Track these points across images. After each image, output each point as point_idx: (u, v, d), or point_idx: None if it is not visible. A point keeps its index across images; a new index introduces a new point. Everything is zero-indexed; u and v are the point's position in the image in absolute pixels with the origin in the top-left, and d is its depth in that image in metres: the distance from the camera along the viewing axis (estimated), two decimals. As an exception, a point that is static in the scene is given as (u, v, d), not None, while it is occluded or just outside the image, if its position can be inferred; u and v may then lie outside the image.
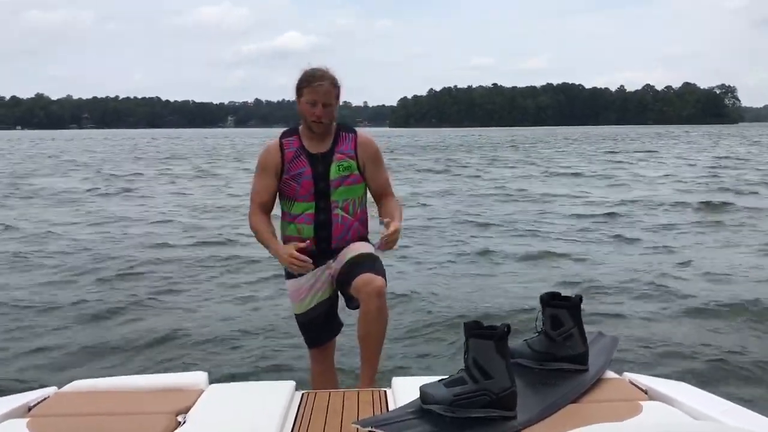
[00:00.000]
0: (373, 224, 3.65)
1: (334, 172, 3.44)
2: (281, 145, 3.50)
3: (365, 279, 3.23)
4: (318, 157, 3.46)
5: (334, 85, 3.44)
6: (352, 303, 3.45)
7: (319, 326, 3.60)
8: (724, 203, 16.19)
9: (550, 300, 2.75)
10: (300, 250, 3.31)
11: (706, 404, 2.41)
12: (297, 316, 3.64)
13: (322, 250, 3.47)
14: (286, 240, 3.57)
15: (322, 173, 3.44)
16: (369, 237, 3.63)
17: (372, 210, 3.63)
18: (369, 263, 3.34)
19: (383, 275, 3.31)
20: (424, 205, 17.18)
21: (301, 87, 3.43)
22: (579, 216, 14.65)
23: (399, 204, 3.64)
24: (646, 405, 2.42)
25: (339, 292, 3.57)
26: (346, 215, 3.48)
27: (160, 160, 40.47)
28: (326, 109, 3.40)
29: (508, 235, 12.52)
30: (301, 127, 3.53)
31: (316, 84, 3.38)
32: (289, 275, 3.58)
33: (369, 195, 3.63)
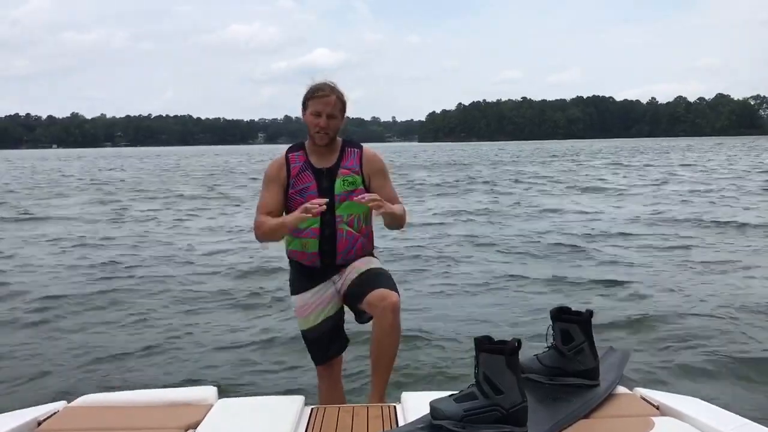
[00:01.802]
0: (378, 240, 3.65)
1: (339, 187, 3.43)
2: (287, 159, 3.50)
3: (380, 294, 3.22)
4: (323, 172, 3.45)
5: (339, 99, 3.45)
6: (362, 317, 3.44)
7: (325, 342, 3.59)
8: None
9: (561, 314, 2.73)
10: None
11: (720, 420, 2.38)
12: (303, 333, 3.63)
13: (326, 265, 3.48)
14: (291, 255, 3.58)
15: (327, 188, 3.43)
16: (375, 253, 3.62)
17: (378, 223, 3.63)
18: (382, 279, 3.34)
19: (397, 291, 3.30)
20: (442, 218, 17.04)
21: (306, 100, 3.46)
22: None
23: (404, 211, 3.60)
24: (658, 421, 2.39)
25: (347, 307, 3.56)
26: (351, 230, 3.47)
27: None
28: (330, 120, 3.41)
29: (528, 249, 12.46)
30: (307, 142, 3.53)
31: (321, 95, 3.41)
32: (295, 291, 3.59)
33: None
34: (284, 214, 3.51)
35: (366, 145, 3.64)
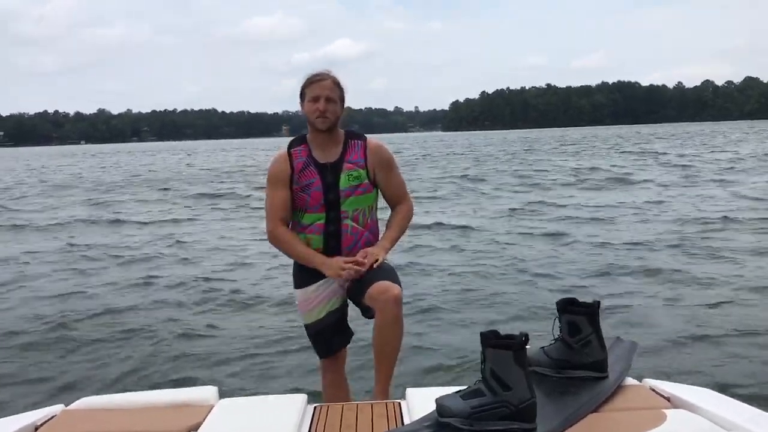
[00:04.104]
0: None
1: (343, 182, 3.38)
2: (290, 155, 3.45)
3: (381, 287, 3.19)
4: (327, 166, 3.40)
5: (336, 84, 3.40)
6: (368, 313, 3.40)
7: (329, 336, 3.55)
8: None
9: (568, 306, 2.66)
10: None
11: (733, 411, 2.31)
12: (307, 327, 3.59)
13: None
14: None
15: (331, 183, 3.38)
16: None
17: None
18: (384, 272, 3.30)
19: (399, 284, 3.26)
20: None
21: (303, 88, 3.42)
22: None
23: (408, 213, 3.59)
24: (670, 413, 2.32)
25: (352, 302, 3.51)
26: (356, 225, 3.42)
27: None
28: (329, 104, 3.35)
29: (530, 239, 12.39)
30: (308, 135, 3.47)
31: (317, 79, 3.37)
32: (298, 285, 3.55)
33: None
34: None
35: (371, 136, 3.58)
